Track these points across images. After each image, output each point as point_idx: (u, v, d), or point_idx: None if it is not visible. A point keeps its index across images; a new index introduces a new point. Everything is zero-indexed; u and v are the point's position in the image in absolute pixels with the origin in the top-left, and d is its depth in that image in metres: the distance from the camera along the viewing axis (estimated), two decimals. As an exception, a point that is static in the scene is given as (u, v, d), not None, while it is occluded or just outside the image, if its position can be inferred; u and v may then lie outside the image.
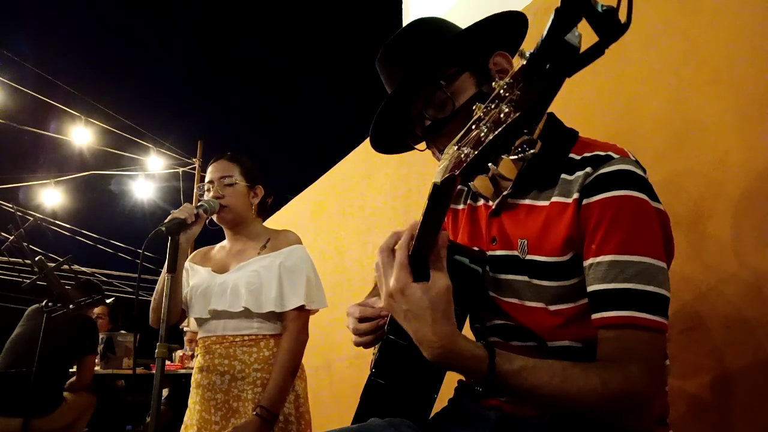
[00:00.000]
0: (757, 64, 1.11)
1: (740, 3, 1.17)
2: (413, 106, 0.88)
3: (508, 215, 0.84)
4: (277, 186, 1.87)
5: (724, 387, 1.09)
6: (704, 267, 1.15)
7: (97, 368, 3.28)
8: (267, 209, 1.83)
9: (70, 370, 2.92)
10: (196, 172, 10.12)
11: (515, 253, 0.81)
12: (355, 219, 2.97)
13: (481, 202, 0.91)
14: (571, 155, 0.79)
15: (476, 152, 0.51)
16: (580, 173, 0.76)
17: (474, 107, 0.53)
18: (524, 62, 0.45)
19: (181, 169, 10.20)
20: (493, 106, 0.49)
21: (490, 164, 0.51)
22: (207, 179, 1.69)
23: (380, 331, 0.90)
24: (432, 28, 0.88)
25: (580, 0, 0.42)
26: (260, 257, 1.64)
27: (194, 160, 10.30)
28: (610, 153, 0.76)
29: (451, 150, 0.56)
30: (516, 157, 0.49)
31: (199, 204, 1.59)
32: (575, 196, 0.75)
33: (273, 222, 3.91)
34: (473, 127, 0.52)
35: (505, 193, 0.84)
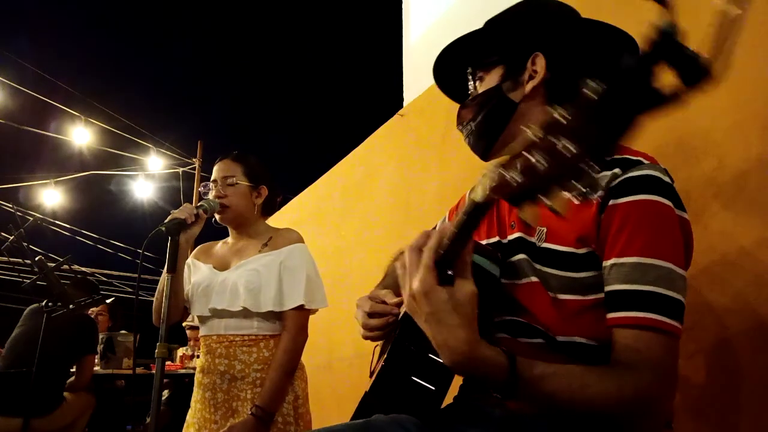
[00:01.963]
0: (757, 64, 1.11)
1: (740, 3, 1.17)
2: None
3: None
4: (277, 185, 1.86)
5: (725, 387, 1.09)
6: (704, 266, 1.15)
7: (97, 368, 3.28)
8: (275, 209, 1.83)
9: (71, 370, 2.93)
10: (196, 172, 10.12)
11: (532, 239, 0.82)
12: (355, 219, 2.97)
13: None
14: None
15: (526, 180, 0.48)
16: (607, 173, 0.76)
17: (527, 129, 0.50)
18: (595, 95, 0.43)
19: (181, 169, 10.20)
20: (550, 135, 0.46)
21: (542, 196, 0.49)
22: (212, 178, 1.70)
23: (389, 327, 0.90)
24: (526, 10, 0.92)
25: (669, 44, 0.40)
26: (261, 255, 1.64)
27: (194, 160, 10.29)
28: (640, 159, 0.77)
29: (495, 168, 0.54)
30: (571, 195, 0.46)
31: (199, 204, 1.59)
32: (600, 194, 0.75)
33: (273, 221, 3.90)
34: (525, 151, 0.49)
35: None
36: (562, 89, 0.87)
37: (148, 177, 9.99)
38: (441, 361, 0.67)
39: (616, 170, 0.76)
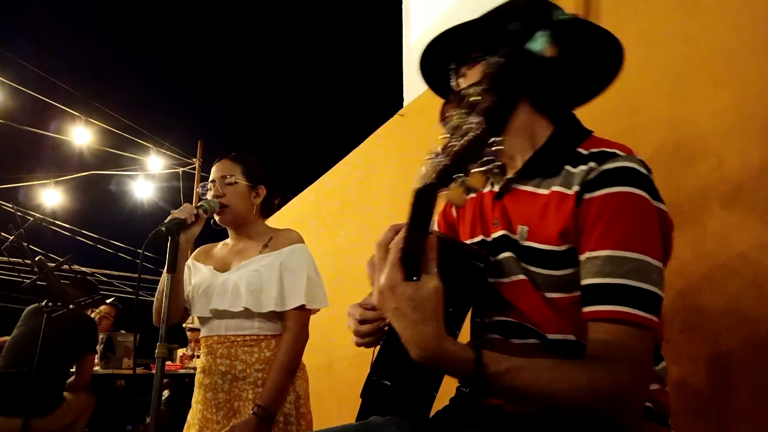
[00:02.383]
0: (757, 65, 1.11)
1: (740, 3, 1.17)
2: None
3: (510, 199, 0.86)
4: (276, 186, 1.86)
5: (724, 387, 1.10)
6: (704, 267, 1.15)
7: (97, 368, 3.28)
8: (273, 210, 1.83)
9: (71, 369, 2.93)
10: (196, 172, 10.12)
11: (515, 237, 0.83)
12: (355, 219, 2.97)
13: (488, 188, 0.93)
14: (579, 149, 0.80)
15: (448, 162, 0.51)
16: (583, 167, 0.77)
17: (453, 113, 0.53)
18: (492, 70, 0.46)
19: (181, 169, 10.19)
20: (465, 115, 0.50)
21: (459, 175, 0.51)
22: (210, 179, 1.70)
23: (381, 332, 0.90)
24: (510, 7, 0.90)
25: (539, 12, 0.43)
26: (261, 256, 1.64)
27: (194, 160, 10.29)
28: (616, 151, 0.77)
29: (433, 157, 0.57)
30: (481, 169, 0.49)
31: (199, 204, 1.59)
32: (576, 188, 0.76)
33: (273, 222, 3.90)
34: (452, 134, 0.52)
35: (509, 177, 0.86)
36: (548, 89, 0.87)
37: (148, 177, 10.00)
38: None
39: (592, 164, 0.76)
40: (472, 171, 0.50)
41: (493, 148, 0.49)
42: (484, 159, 0.49)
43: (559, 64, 0.75)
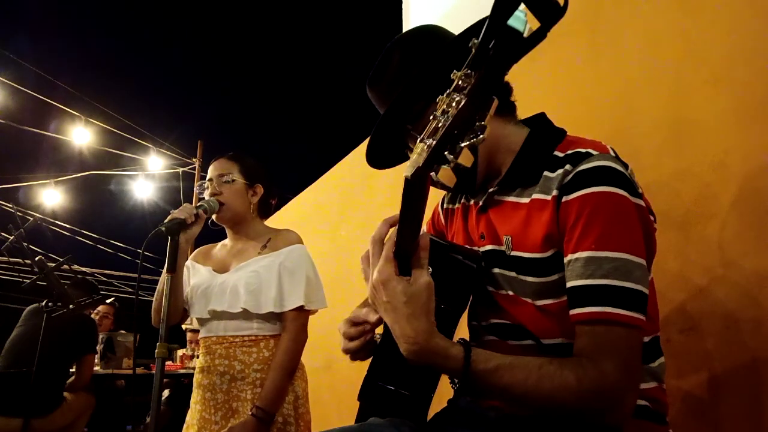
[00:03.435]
0: (757, 64, 1.11)
1: (740, 3, 1.17)
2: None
3: (495, 211, 0.86)
4: (277, 186, 1.86)
5: (724, 387, 1.09)
6: (703, 267, 1.15)
7: (97, 368, 3.28)
8: (271, 210, 1.83)
9: (71, 369, 2.93)
10: (196, 172, 10.12)
11: (501, 248, 0.83)
12: (354, 219, 2.97)
13: (472, 201, 0.93)
14: (556, 153, 0.80)
15: (435, 142, 0.51)
16: (560, 170, 0.77)
17: (438, 99, 0.53)
18: (474, 51, 0.47)
19: (181, 169, 10.20)
20: (454, 96, 0.51)
21: (448, 153, 0.52)
22: (207, 178, 1.69)
23: (370, 346, 0.90)
24: (411, 52, 0.88)
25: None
26: (260, 257, 1.64)
27: (194, 160, 10.29)
28: (589, 150, 0.76)
29: (418, 144, 0.57)
30: (467, 143, 0.50)
31: (198, 204, 1.59)
32: (554, 193, 0.76)
33: (273, 222, 3.89)
34: (437, 117, 0.53)
35: (491, 190, 0.86)
36: (501, 90, 0.87)
37: (148, 177, 9.99)
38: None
39: (568, 166, 0.76)
40: (461, 146, 0.50)
41: (477, 124, 0.49)
42: (471, 135, 0.49)
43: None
